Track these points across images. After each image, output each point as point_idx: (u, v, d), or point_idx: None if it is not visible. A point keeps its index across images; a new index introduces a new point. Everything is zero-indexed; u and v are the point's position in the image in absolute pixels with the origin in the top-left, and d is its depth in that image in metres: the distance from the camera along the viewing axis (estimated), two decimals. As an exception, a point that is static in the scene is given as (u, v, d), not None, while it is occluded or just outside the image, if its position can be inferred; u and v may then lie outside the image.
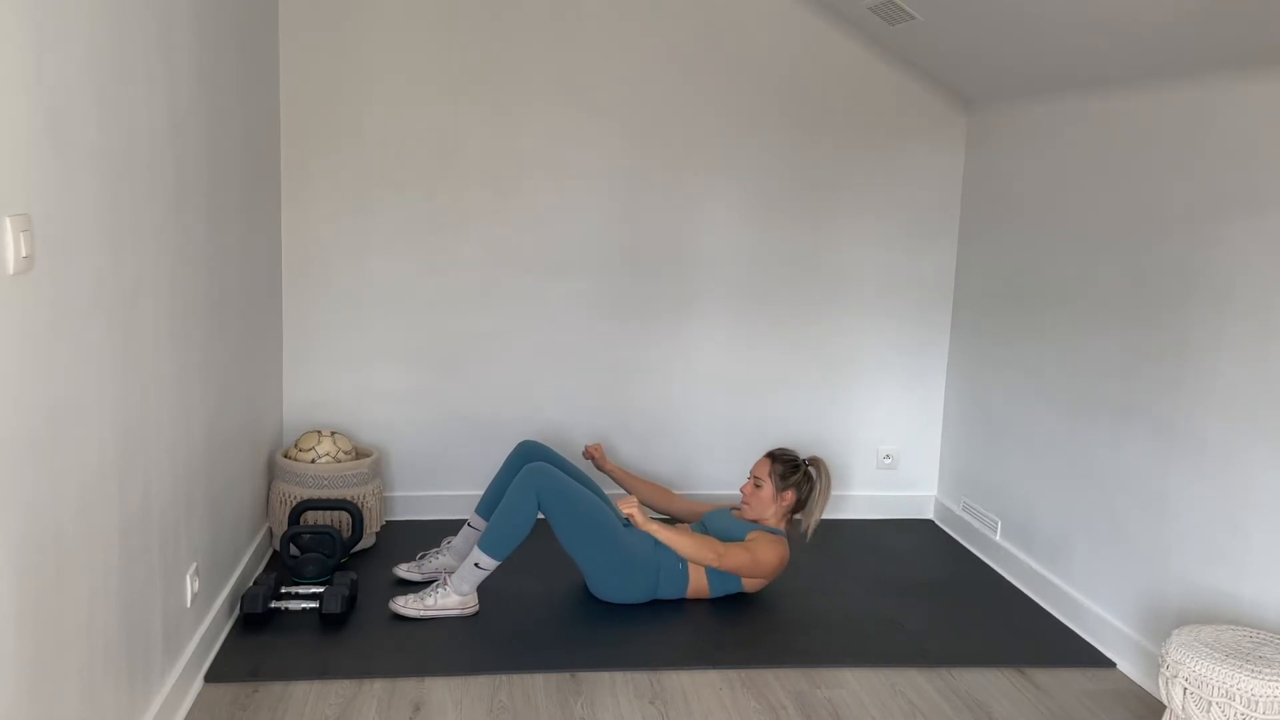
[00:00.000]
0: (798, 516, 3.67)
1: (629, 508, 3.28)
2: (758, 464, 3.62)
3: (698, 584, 3.54)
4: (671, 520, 3.67)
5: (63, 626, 1.97)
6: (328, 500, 3.67)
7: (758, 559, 3.47)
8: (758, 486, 3.58)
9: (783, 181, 4.31)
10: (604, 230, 4.24)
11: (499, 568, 3.44)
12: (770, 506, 3.57)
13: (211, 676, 2.94)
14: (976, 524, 4.19)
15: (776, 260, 4.35)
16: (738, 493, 4.42)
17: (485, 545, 3.33)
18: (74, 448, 2.00)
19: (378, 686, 2.95)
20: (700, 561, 3.43)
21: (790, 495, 3.57)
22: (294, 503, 3.71)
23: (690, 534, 3.40)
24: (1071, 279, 3.57)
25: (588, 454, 3.86)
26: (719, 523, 3.61)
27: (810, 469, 3.62)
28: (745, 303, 4.36)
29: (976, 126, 4.29)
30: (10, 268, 1.71)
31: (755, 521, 3.59)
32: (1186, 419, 3.00)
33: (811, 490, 3.61)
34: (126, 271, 2.27)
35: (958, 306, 4.43)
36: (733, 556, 3.43)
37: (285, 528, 3.67)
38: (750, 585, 3.56)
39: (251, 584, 3.48)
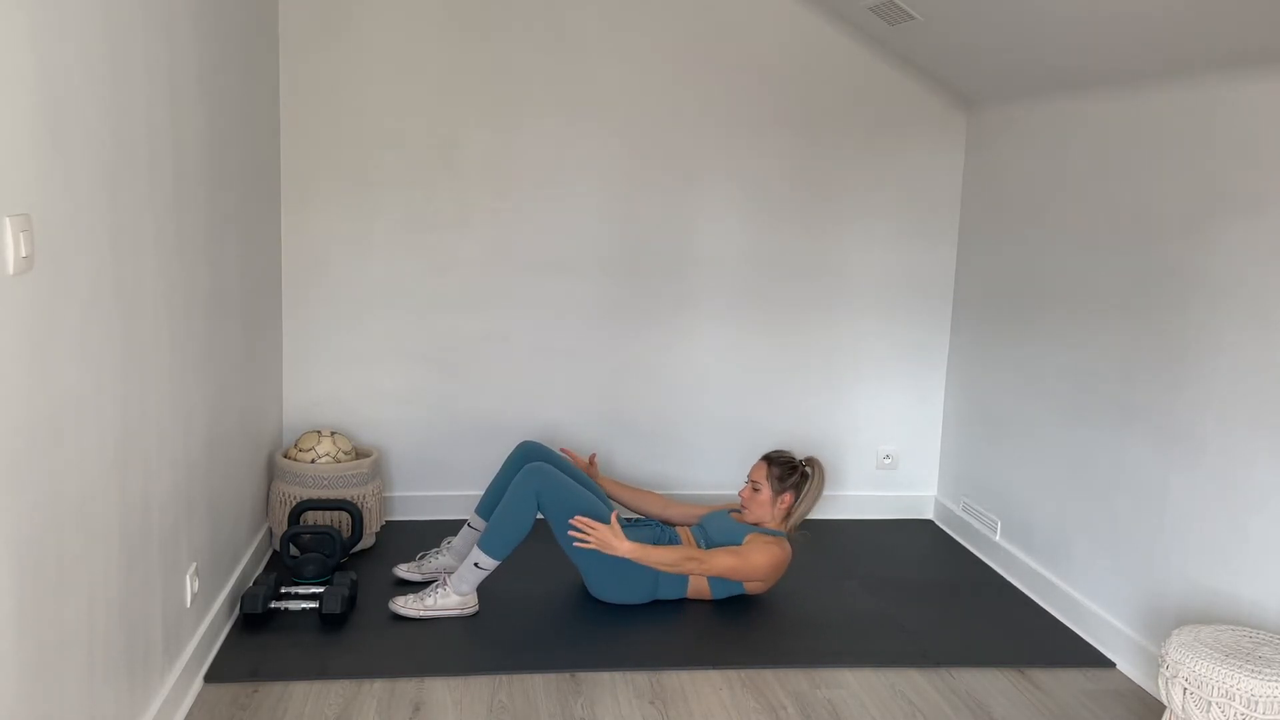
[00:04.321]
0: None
1: (598, 536, 3.28)
2: (754, 468, 3.62)
3: (698, 585, 3.53)
4: (661, 534, 3.65)
5: (63, 626, 1.97)
6: (328, 500, 3.67)
7: (748, 561, 3.45)
8: (755, 490, 3.58)
9: (782, 182, 4.31)
10: (604, 230, 4.24)
11: (498, 568, 3.44)
12: (769, 510, 3.57)
13: (211, 676, 2.94)
14: (976, 524, 4.19)
15: (776, 260, 4.35)
16: (735, 493, 4.42)
17: (485, 545, 3.33)
18: (74, 447, 2.00)
19: (378, 686, 2.95)
20: (682, 572, 3.43)
21: (789, 497, 3.56)
22: (294, 503, 3.71)
23: (666, 548, 3.38)
24: (1071, 279, 3.57)
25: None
26: (717, 524, 3.60)
27: (806, 469, 3.62)
28: (745, 302, 4.36)
29: (976, 126, 4.29)
30: (10, 268, 1.71)
31: (755, 524, 3.59)
32: (1186, 419, 3.00)
33: (811, 490, 3.60)
34: (126, 271, 2.27)
35: (958, 306, 4.43)
36: (717, 561, 3.43)
37: (285, 528, 3.67)
38: (752, 588, 3.56)
39: (251, 584, 3.49)
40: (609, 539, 3.30)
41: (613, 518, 3.34)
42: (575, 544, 3.32)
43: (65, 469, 1.96)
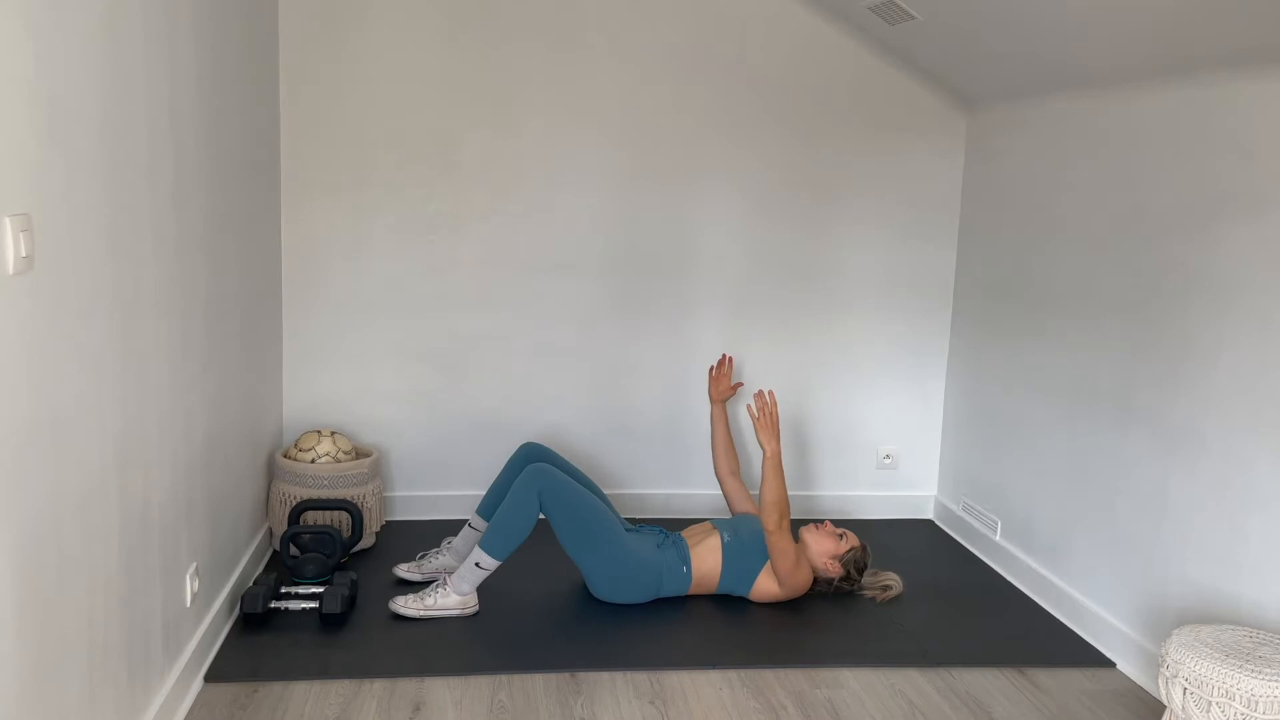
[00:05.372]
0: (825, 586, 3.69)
1: (770, 420, 3.45)
2: (852, 534, 3.68)
3: (703, 578, 3.53)
4: (665, 539, 3.68)
5: (63, 626, 1.97)
6: (328, 500, 3.67)
7: (799, 561, 3.50)
8: (838, 537, 3.62)
9: (782, 182, 4.31)
10: (604, 230, 4.24)
11: (499, 568, 3.44)
12: (822, 556, 3.59)
13: (211, 676, 2.94)
14: (976, 524, 4.19)
15: (776, 260, 4.35)
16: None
17: (486, 545, 3.33)
18: (74, 448, 2.00)
19: (378, 686, 2.95)
20: (770, 512, 3.41)
21: (838, 569, 3.60)
22: (294, 503, 3.71)
23: (782, 481, 3.43)
24: (1071, 279, 3.57)
25: (725, 364, 3.97)
26: (753, 528, 3.61)
27: (860, 583, 3.66)
28: (745, 302, 4.36)
29: (976, 126, 4.28)
30: (10, 268, 1.71)
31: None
32: (1186, 419, 3.00)
33: (843, 590, 3.65)
34: (126, 271, 2.27)
35: (958, 306, 4.43)
36: (788, 538, 3.45)
37: (285, 528, 3.67)
38: (758, 595, 3.55)
39: (251, 584, 3.48)
40: (773, 429, 3.46)
41: (775, 415, 3.49)
42: (750, 410, 3.50)
43: (65, 469, 1.96)
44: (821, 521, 3.72)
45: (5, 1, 1.68)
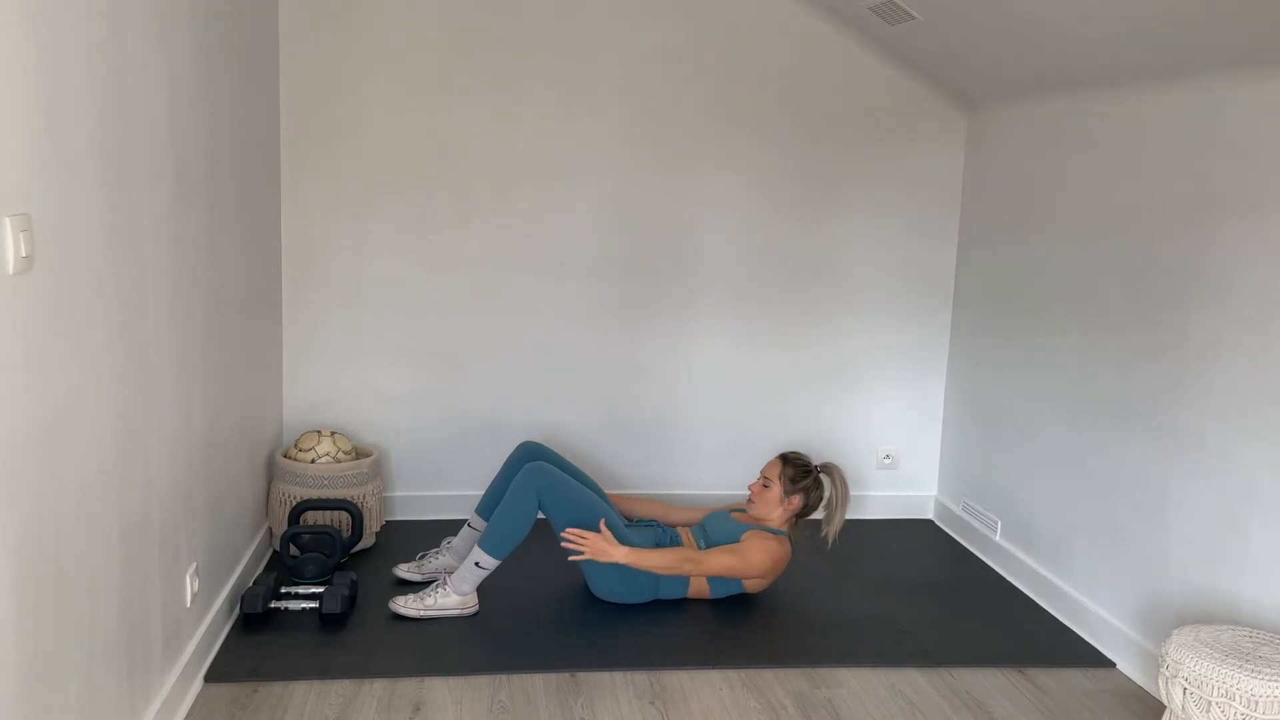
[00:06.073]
0: (817, 517, 3.65)
1: (591, 545, 3.27)
2: (769, 464, 3.62)
3: (698, 583, 3.53)
4: (663, 534, 3.65)
5: (63, 627, 1.97)
6: (328, 500, 3.67)
7: (747, 560, 3.45)
8: (765, 486, 3.58)
9: (783, 181, 4.31)
10: (604, 230, 4.24)
11: (499, 567, 3.44)
12: (776, 508, 3.57)
13: (211, 676, 2.94)
14: (976, 524, 4.19)
15: (777, 260, 4.35)
16: (737, 493, 4.42)
17: (485, 544, 3.33)
18: (74, 448, 2.00)
19: (378, 686, 2.95)
20: (680, 574, 3.43)
21: (797, 500, 3.56)
22: (294, 503, 3.71)
23: (661, 551, 3.38)
24: (1071, 279, 3.57)
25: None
26: (718, 525, 3.60)
27: (822, 475, 3.62)
28: (746, 302, 4.36)
29: (976, 126, 4.28)
30: (10, 268, 1.71)
31: (756, 521, 3.58)
32: (1186, 419, 3.00)
33: (820, 497, 3.61)
34: (126, 271, 2.27)
35: (958, 306, 4.43)
36: (714, 561, 3.43)
37: (285, 528, 3.67)
38: (751, 586, 3.56)
39: (251, 584, 3.49)
40: (602, 547, 3.29)
41: (602, 525, 3.33)
42: (570, 558, 3.32)
43: (65, 469, 1.96)
44: (737, 504, 3.71)
45: (5, 1, 1.68)
